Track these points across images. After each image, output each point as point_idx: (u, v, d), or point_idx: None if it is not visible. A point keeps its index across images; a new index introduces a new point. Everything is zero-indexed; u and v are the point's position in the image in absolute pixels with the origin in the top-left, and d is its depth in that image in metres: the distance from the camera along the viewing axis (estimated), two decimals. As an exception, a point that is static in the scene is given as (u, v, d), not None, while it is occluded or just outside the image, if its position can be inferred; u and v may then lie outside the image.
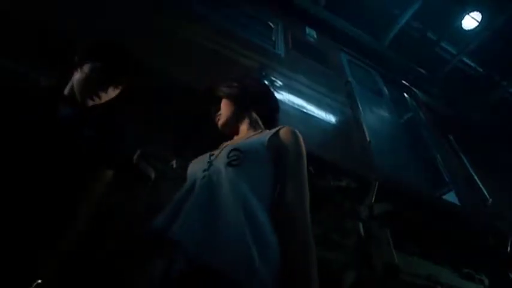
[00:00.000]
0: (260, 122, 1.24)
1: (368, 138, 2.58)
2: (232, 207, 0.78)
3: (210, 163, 0.96)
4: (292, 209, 0.87)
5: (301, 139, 1.05)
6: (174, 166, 2.12)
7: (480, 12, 5.51)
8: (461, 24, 5.61)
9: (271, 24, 3.22)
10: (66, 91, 1.11)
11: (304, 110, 2.49)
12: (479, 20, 5.53)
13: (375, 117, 3.19)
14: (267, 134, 1.04)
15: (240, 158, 0.90)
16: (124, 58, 1.16)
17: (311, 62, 3.08)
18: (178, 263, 0.71)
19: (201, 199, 0.83)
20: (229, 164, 0.90)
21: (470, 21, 5.63)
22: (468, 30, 5.67)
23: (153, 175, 2.02)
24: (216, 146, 1.42)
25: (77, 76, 1.10)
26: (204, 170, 0.93)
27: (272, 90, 1.39)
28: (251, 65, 2.46)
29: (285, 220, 0.84)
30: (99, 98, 1.10)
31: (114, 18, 2.12)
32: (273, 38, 3.02)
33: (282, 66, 2.69)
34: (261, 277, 0.68)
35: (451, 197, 3.12)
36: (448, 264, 2.76)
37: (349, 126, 2.76)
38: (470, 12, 5.52)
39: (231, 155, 0.92)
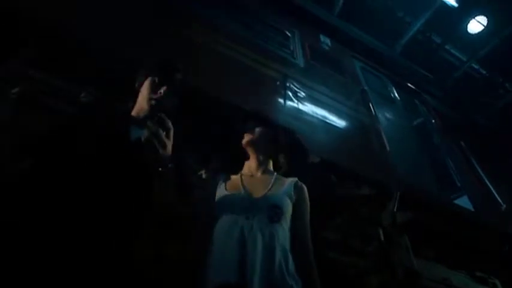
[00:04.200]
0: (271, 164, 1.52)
1: (387, 147, 2.64)
2: (281, 261, 1.08)
3: (252, 212, 1.19)
4: (310, 255, 1.22)
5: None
6: (203, 176, 2.18)
7: (486, 16, 5.58)
8: (467, 28, 5.68)
9: (287, 33, 3.26)
10: (133, 113, 1.18)
11: (326, 120, 2.54)
12: (485, 24, 5.61)
13: (388, 124, 3.24)
14: (289, 185, 1.34)
15: (279, 215, 1.20)
16: (173, 68, 1.26)
17: (328, 71, 3.12)
18: None
19: (260, 253, 1.07)
20: (271, 220, 1.17)
21: (476, 25, 5.70)
22: (474, 34, 5.74)
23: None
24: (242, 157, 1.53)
25: (139, 98, 1.20)
26: (248, 218, 1.17)
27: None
28: (274, 76, 2.51)
29: (306, 266, 1.18)
30: (161, 100, 1.16)
31: (135, 30, 2.14)
32: (291, 48, 3.06)
33: (303, 76, 2.74)
34: None
35: (462, 201, 3.18)
36: (461, 268, 2.82)
37: (367, 134, 2.81)
38: (476, 16, 5.59)
39: (273, 212, 1.20)
